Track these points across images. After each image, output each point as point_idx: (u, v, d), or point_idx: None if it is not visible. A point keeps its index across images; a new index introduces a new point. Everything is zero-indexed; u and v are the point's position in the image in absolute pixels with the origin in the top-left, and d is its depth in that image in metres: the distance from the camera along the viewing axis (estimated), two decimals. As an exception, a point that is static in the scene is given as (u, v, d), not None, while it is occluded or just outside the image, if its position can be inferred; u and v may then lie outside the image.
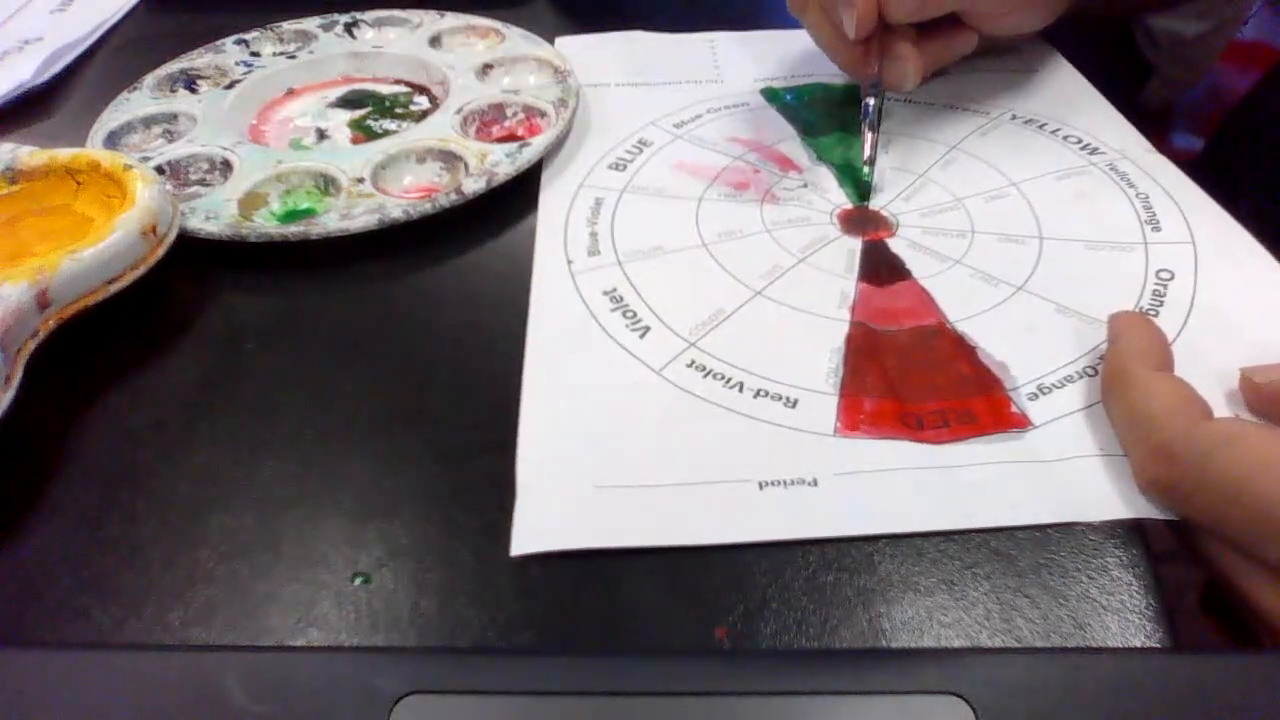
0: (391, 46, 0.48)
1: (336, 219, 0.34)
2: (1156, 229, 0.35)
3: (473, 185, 0.36)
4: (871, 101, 0.38)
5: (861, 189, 0.38)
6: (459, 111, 0.41)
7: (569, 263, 0.34)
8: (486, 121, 0.42)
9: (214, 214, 0.35)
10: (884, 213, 0.37)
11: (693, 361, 0.30)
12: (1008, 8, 0.41)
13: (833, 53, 0.41)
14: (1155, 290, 0.32)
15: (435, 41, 0.48)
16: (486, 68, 0.45)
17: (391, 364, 0.30)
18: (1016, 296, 0.32)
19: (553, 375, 0.29)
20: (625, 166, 0.40)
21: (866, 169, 0.38)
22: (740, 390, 0.29)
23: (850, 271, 0.34)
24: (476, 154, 0.38)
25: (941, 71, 0.45)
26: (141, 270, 0.31)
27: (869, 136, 0.38)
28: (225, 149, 0.39)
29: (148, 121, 0.42)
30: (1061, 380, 0.29)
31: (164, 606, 0.23)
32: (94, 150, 0.36)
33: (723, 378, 0.29)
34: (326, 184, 0.37)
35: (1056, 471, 0.26)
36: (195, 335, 0.32)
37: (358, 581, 0.24)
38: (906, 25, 0.39)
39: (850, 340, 0.30)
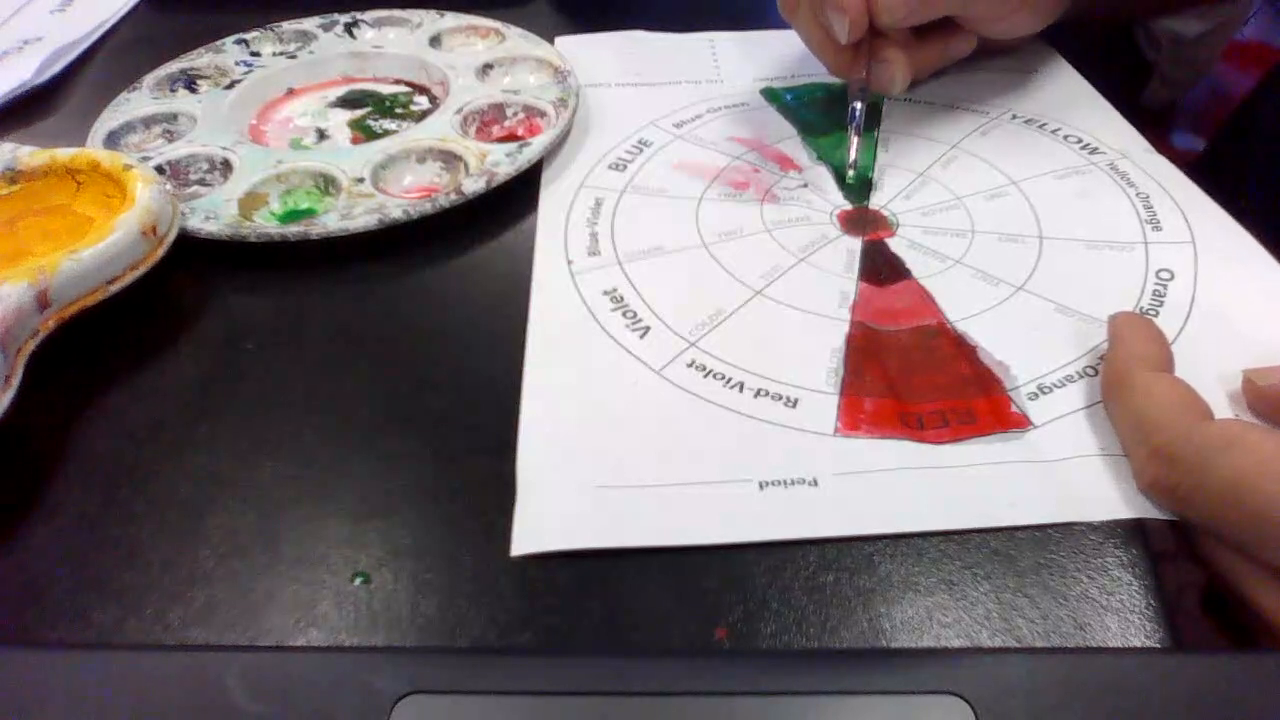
0: (391, 46, 0.48)
1: (336, 219, 0.34)
2: (1157, 228, 0.35)
3: (473, 185, 0.36)
4: (858, 105, 0.39)
5: (852, 193, 0.38)
6: (459, 111, 0.41)
7: (569, 263, 0.34)
8: (486, 121, 0.42)
9: (214, 214, 0.35)
10: (884, 212, 0.37)
11: (693, 361, 0.30)
12: (1002, 12, 0.40)
13: (822, 56, 0.42)
14: (1155, 290, 0.32)
15: (435, 41, 0.48)
16: (486, 68, 0.45)
17: (391, 364, 0.30)
18: (1017, 296, 0.32)
19: (553, 375, 0.29)
20: (625, 166, 0.40)
21: (851, 172, 0.38)
22: (740, 390, 0.29)
23: (850, 271, 0.33)
24: (476, 154, 0.38)
25: (941, 72, 0.45)
26: (141, 270, 0.31)
27: (854, 140, 0.38)
28: (225, 149, 0.39)
29: (148, 121, 0.42)
30: (1062, 380, 0.29)
31: (164, 606, 0.23)
32: (94, 150, 0.36)
33: (723, 378, 0.29)
34: (326, 184, 0.37)
35: (1057, 471, 0.26)
36: (195, 335, 0.32)
37: (358, 581, 0.24)
38: (898, 29, 0.39)
39: (850, 340, 0.30)
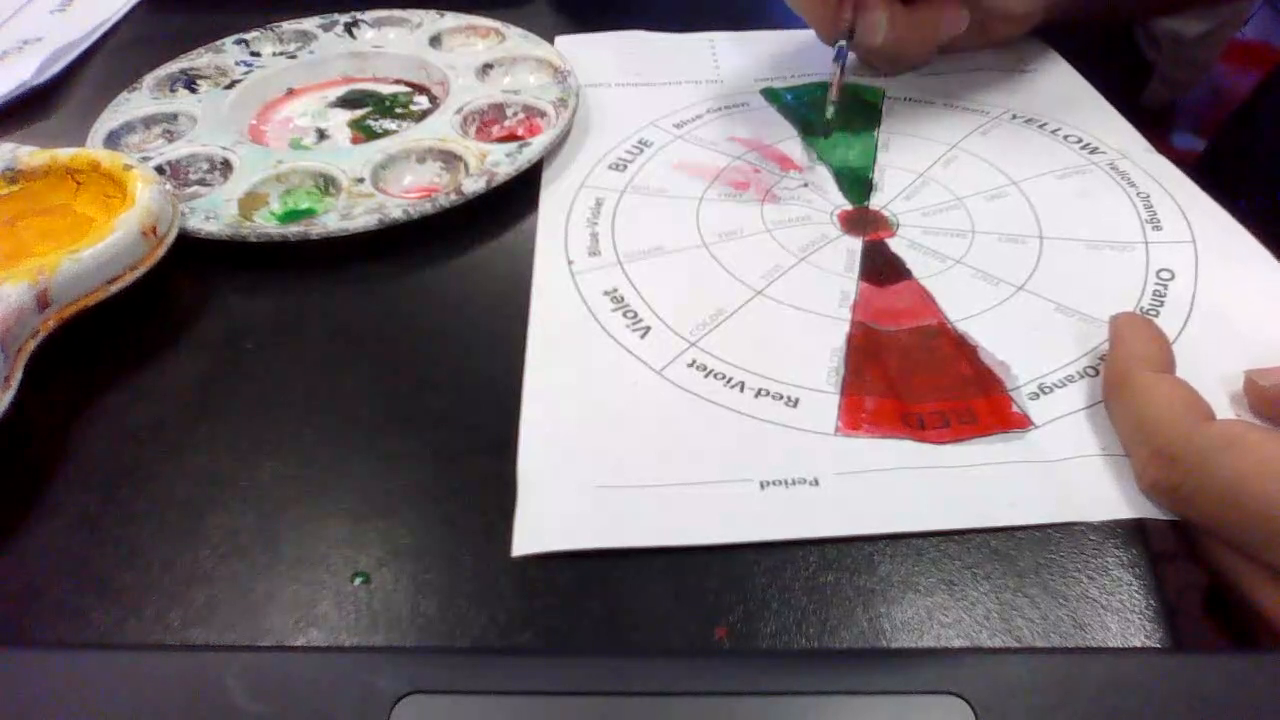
0: (391, 46, 0.48)
1: (336, 219, 0.34)
2: (1157, 228, 0.35)
3: (473, 185, 0.36)
4: (843, 44, 0.40)
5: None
6: (459, 111, 0.41)
7: (569, 263, 0.34)
8: (486, 121, 0.42)
9: (214, 214, 0.35)
10: (884, 212, 0.37)
11: (693, 361, 0.30)
12: None
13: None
14: (1156, 290, 0.32)
15: (435, 41, 0.48)
16: (486, 68, 0.45)
17: (391, 364, 0.30)
18: (1017, 296, 0.32)
19: (553, 375, 0.29)
20: (625, 167, 0.40)
21: (830, 107, 0.39)
22: (741, 390, 0.28)
23: (851, 271, 0.33)
24: (476, 154, 0.38)
25: (939, 69, 0.45)
26: (141, 270, 0.31)
27: (837, 77, 0.40)
28: (225, 149, 0.39)
29: (148, 121, 0.42)
30: (1062, 380, 0.29)
31: (164, 606, 0.23)
32: (94, 150, 0.36)
33: (723, 377, 0.29)
34: (326, 184, 0.37)
35: (1057, 471, 0.26)
36: (195, 335, 0.32)
37: (358, 581, 0.24)
38: None
39: (851, 340, 0.30)
